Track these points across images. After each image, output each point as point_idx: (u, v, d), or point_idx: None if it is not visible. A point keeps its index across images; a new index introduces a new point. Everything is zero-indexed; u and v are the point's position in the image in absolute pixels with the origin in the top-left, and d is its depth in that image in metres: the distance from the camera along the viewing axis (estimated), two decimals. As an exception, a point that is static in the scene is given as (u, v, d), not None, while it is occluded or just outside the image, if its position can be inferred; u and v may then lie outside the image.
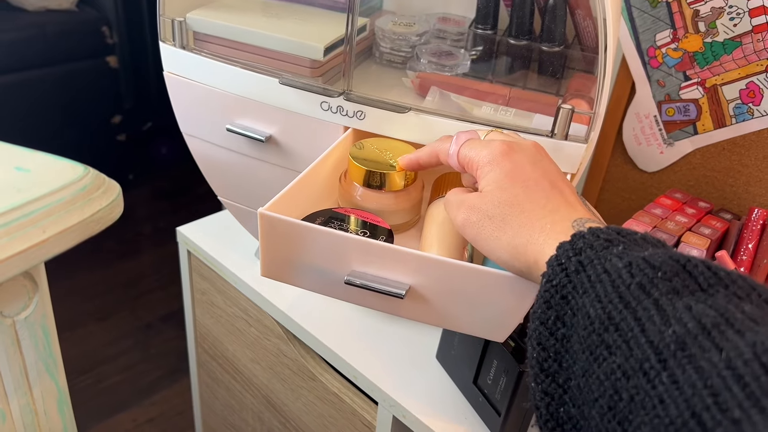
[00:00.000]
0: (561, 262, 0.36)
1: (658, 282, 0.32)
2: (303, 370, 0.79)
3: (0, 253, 0.38)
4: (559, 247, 0.37)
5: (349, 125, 0.64)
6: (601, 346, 0.32)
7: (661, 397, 0.28)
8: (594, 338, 0.33)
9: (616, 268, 0.33)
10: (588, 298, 0.34)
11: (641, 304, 0.31)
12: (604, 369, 0.31)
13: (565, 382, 0.36)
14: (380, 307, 0.52)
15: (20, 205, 0.40)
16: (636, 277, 0.32)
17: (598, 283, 0.33)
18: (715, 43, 0.75)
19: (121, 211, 0.46)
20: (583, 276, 0.35)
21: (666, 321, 0.30)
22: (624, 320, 0.31)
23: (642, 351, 0.30)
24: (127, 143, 2.18)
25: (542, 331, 0.37)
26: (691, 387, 0.27)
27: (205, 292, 0.92)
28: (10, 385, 0.45)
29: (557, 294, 0.36)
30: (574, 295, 0.35)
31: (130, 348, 1.67)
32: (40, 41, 1.84)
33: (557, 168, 0.46)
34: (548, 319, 0.36)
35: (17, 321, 0.44)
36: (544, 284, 0.37)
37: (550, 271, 0.37)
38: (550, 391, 0.36)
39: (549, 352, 0.36)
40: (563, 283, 0.36)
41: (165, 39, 0.69)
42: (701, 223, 0.72)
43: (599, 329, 0.32)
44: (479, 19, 0.68)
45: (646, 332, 0.30)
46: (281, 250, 0.51)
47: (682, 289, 0.31)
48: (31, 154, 0.45)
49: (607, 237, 0.36)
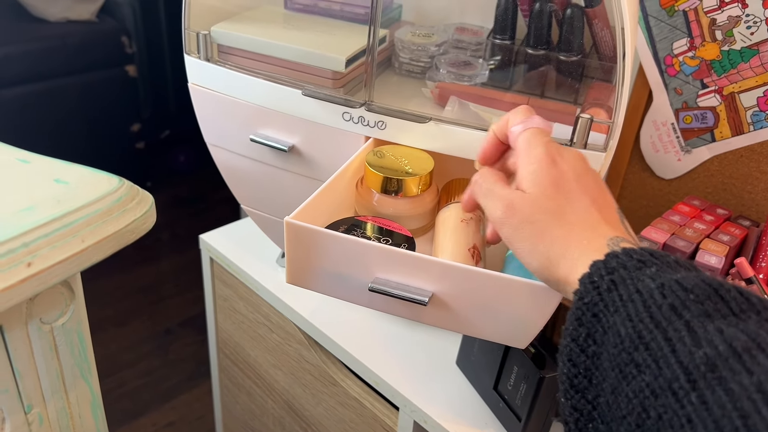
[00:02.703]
0: (593, 281, 0.36)
1: (690, 304, 0.32)
2: (324, 375, 0.80)
3: (43, 263, 0.39)
4: (592, 266, 0.37)
5: (371, 135, 0.65)
6: (631, 365, 0.32)
7: (690, 416, 0.28)
8: (624, 356, 0.33)
9: (648, 289, 0.34)
10: (619, 316, 0.34)
11: (672, 325, 0.31)
12: (633, 387, 0.32)
13: (595, 399, 0.36)
14: (403, 314, 0.53)
15: (60, 216, 0.41)
16: (668, 299, 0.32)
17: (630, 302, 0.34)
18: (732, 51, 0.76)
19: (154, 221, 0.48)
20: (615, 295, 0.35)
21: (697, 342, 0.30)
22: (654, 340, 0.32)
23: (671, 371, 0.30)
24: (146, 151, 2.21)
25: (573, 347, 0.37)
26: (721, 408, 0.27)
27: (227, 298, 0.93)
28: (48, 389, 0.47)
29: (589, 312, 0.36)
30: (605, 313, 0.35)
31: (149, 353, 1.69)
32: (62, 51, 1.88)
33: (599, 182, 0.45)
34: (579, 336, 0.37)
35: (55, 327, 0.46)
36: (576, 301, 0.37)
37: (583, 288, 0.37)
38: (580, 406, 0.37)
39: (579, 368, 0.37)
40: (595, 301, 0.36)
41: (190, 51, 0.71)
42: (720, 230, 0.73)
43: (629, 348, 0.33)
44: (497, 30, 0.69)
45: (677, 353, 0.30)
46: (306, 257, 0.53)
47: (713, 313, 0.31)
48: (69, 167, 0.47)
49: (640, 258, 0.36)
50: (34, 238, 0.40)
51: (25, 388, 0.45)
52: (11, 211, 0.41)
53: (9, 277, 0.38)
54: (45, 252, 0.40)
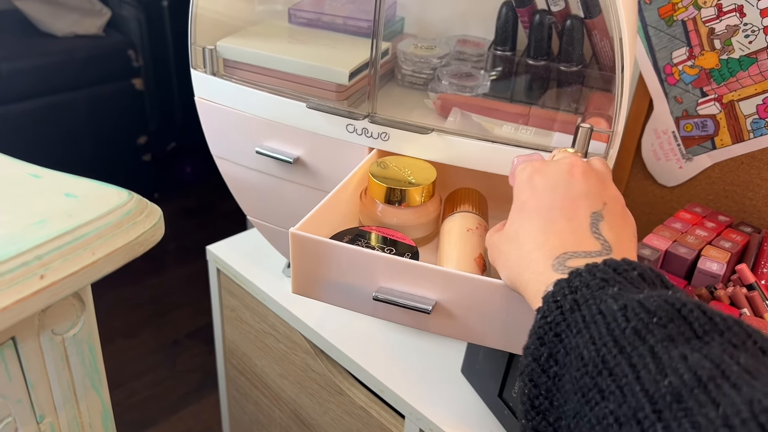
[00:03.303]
0: (557, 299, 0.36)
1: (653, 328, 0.31)
2: (330, 384, 0.81)
3: (56, 275, 0.40)
4: (555, 284, 0.37)
5: (374, 146, 0.66)
6: (594, 390, 0.32)
7: None
8: (587, 381, 0.32)
9: (611, 311, 0.33)
10: (582, 338, 0.33)
11: (636, 350, 0.31)
12: (596, 413, 0.31)
13: (556, 421, 0.35)
14: (407, 322, 0.53)
15: (72, 229, 0.43)
16: (631, 322, 0.32)
17: (593, 324, 0.33)
18: (731, 59, 0.77)
19: (163, 233, 0.49)
20: (577, 315, 0.34)
21: (661, 370, 0.29)
22: (618, 365, 0.31)
23: (636, 399, 0.29)
24: (153, 163, 2.23)
25: (534, 367, 0.36)
26: None
27: (234, 308, 0.94)
28: (59, 398, 0.48)
29: (551, 331, 0.36)
30: (567, 333, 0.35)
31: (157, 364, 1.70)
32: (69, 65, 1.90)
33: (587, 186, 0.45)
34: (541, 356, 0.36)
35: (66, 338, 0.47)
36: (538, 320, 0.37)
37: (545, 307, 0.37)
38: (540, 428, 0.36)
39: (540, 389, 0.36)
40: (557, 321, 0.36)
41: (196, 66, 0.72)
42: (721, 236, 0.73)
43: (592, 372, 0.32)
44: (498, 41, 0.70)
45: (641, 380, 0.30)
46: (312, 267, 0.53)
47: (677, 336, 0.31)
48: (79, 181, 0.48)
49: (603, 276, 0.36)
50: (47, 251, 0.41)
51: (37, 398, 0.46)
52: (24, 224, 0.42)
53: (23, 289, 0.39)
54: (57, 264, 0.41)
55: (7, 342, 0.43)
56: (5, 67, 1.77)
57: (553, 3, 0.66)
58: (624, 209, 0.46)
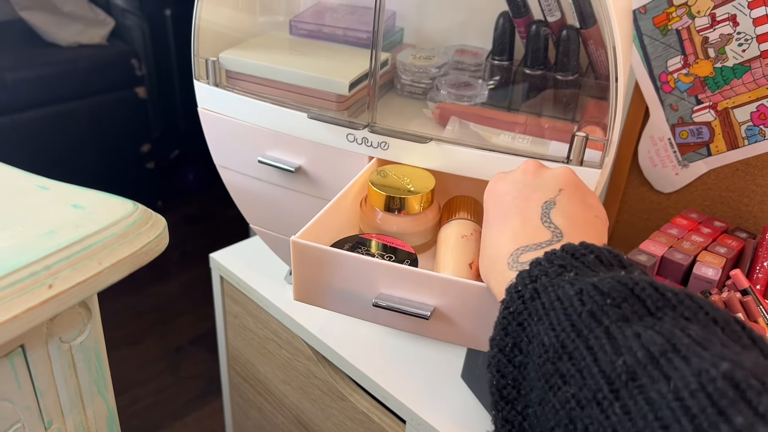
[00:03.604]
0: (518, 290, 0.37)
1: (608, 309, 0.32)
2: (333, 390, 0.82)
3: (64, 284, 0.41)
4: (518, 275, 0.38)
5: (374, 155, 0.67)
6: (556, 375, 0.32)
7: (615, 428, 0.28)
8: (549, 366, 0.33)
9: (568, 296, 0.34)
10: (542, 325, 0.34)
11: (593, 333, 0.31)
12: (559, 398, 0.32)
13: (524, 410, 0.36)
14: (407, 328, 0.54)
15: (79, 240, 0.44)
16: (587, 305, 0.33)
17: (552, 310, 0.34)
18: (725, 68, 0.78)
19: (167, 242, 0.50)
20: (537, 303, 0.35)
21: (617, 350, 0.30)
22: (577, 349, 0.32)
23: (595, 381, 0.30)
24: (156, 171, 2.25)
25: (500, 358, 0.37)
26: (643, 419, 0.27)
27: (237, 315, 0.95)
28: (67, 404, 0.49)
29: (514, 321, 0.37)
30: (529, 322, 0.35)
31: (161, 371, 1.71)
32: (74, 75, 1.92)
33: (540, 180, 0.47)
34: (506, 346, 0.37)
35: (73, 346, 0.48)
36: (502, 311, 0.38)
37: (508, 298, 0.38)
38: (510, 418, 0.36)
39: (507, 379, 0.37)
40: (519, 310, 0.36)
41: (199, 77, 0.73)
42: (717, 242, 0.74)
43: (553, 357, 0.33)
44: (496, 51, 0.71)
45: (599, 362, 0.30)
46: (313, 275, 0.55)
47: (631, 315, 0.32)
48: (85, 192, 0.49)
49: (561, 263, 0.37)
50: (55, 261, 0.42)
51: (45, 404, 0.48)
52: (33, 235, 0.44)
53: (32, 298, 0.40)
54: (65, 274, 0.42)
55: (17, 350, 0.44)
56: (10, 77, 1.79)
57: (549, 13, 0.67)
58: (584, 193, 0.47)
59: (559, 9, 0.66)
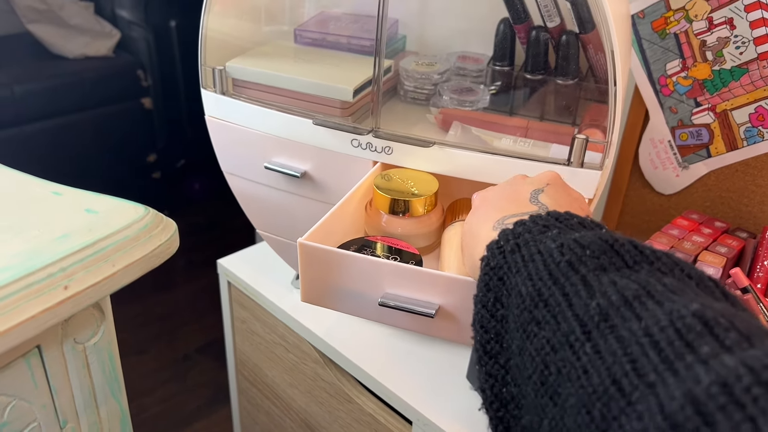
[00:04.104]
0: (500, 245, 0.38)
1: (586, 260, 0.33)
2: (340, 393, 0.83)
3: (79, 286, 0.43)
4: (500, 233, 0.38)
5: (378, 160, 0.68)
6: (532, 323, 0.33)
7: (585, 367, 0.29)
8: (526, 315, 0.33)
9: (548, 249, 0.34)
10: (521, 276, 0.35)
11: (569, 280, 0.32)
12: (535, 345, 0.32)
13: (506, 363, 0.36)
14: (412, 327, 0.56)
15: (93, 243, 0.45)
16: (566, 256, 0.33)
17: (531, 262, 0.35)
18: (723, 70, 0.79)
19: (178, 245, 0.51)
20: (517, 256, 0.36)
21: (592, 295, 0.30)
22: (552, 296, 0.32)
23: (568, 324, 0.30)
24: (162, 180, 2.27)
25: (483, 313, 0.38)
26: (612, 355, 0.28)
27: (244, 320, 0.97)
28: (81, 405, 0.50)
29: (495, 276, 0.37)
30: (509, 275, 0.36)
31: (168, 380, 1.72)
32: (80, 86, 1.94)
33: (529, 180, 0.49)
34: (488, 302, 0.37)
35: (87, 347, 0.49)
36: (483, 267, 0.38)
37: (489, 254, 0.38)
38: (494, 372, 0.37)
39: (491, 333, 0.37)
40: (500, 265, 0.37)
41: (206, 86, 0.75)
42: (717, 242, 0.75)
43: (530, 306, 0.33)
44: (497, 57, 0.73)
45: (573, 306, 0.31)
46: (319, 276, 0.56)
47: (608, 266, 0.32)
48: (98, 198, 0.51)
49: (545, 223, 0.38)
50: (70, 263, 0.43)
51: (60, 404, 0.49)
52: (49, 239, 0.45)
53: (49, 299, 0.41)
54: (80, 276, 0.43)
55: (33, 350, 0.45)
56: (18, 90, 1.81)
57: (549, 19, 0.69)
58: (569, 189, 0.49)
59: (559, 15, 0.68)
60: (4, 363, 0.43)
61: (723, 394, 0.23)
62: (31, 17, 1.95)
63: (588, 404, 0.28)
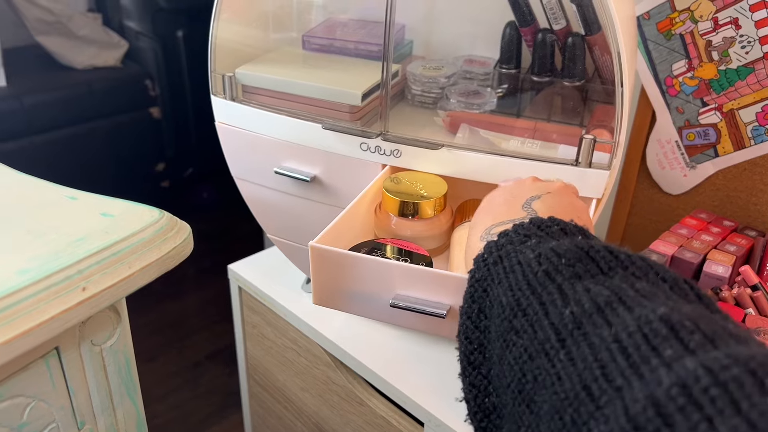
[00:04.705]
0: (485, 258, 0.38)
1: (562, 268, 0.33)
2: (351, 395, 0.83)
3: (96, 287, 0.44)
4: (486, 246, 0.39)
5: (387, 163, 0.69)
6: (511, 332, 0.33)
7: (559, 374, 0.29)
8: (506, 324, 0.34)
9: (527, 259, 0.35)
10: (502, 287, 0.35)
11: (546, 289, 0.33)
12: (514, 354, 0.33)
13: (488, 373, 0.37)
14: (423, 328, 0.56)
15: (110, 245, 0.46)
16: (543, 265, 0.34)
17: (511, 273, 0.35)
18: (729, 70, 0.80)
19: (192, 248, 0.52)
20: (499, 267, 0.37)
21: (566, 303, 0.31)
22: (530, 305, 0.33)
23: (544, 332, 0.31)
24: (171, 189, 2.28)
25: (468, 324, 0.38)
26: (583, 361, 0.28)
27: (255, 325, 0.97)
28: (98, 406, 0.51)
29: (480, 287, 0.38)
30: (492, 286, 0.37)
31: (179, 387, 1.73)
32: (89, 97, 1.96)
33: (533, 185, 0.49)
34: (473, 313, 0.38)
35: (104, 349, 0.50)
36: (469, 279, 0.39)
37: (475, 266, 0.39)
38: (477, 382, 0.37)
39: (474, 344, 0.38)
40: (484, 276, 0.38)
41: (216, 92, 0.76)
42: (726, 240, 0.75)
43: (509, 315, 0.34)
44: (503, 59, 0.73)
45: (549, 315, 0.31)
46: (331, 278, 0.56)
47: (584, 273, 0.33)
48: (113, 202, 0.52)
49: (526, 232, 0.38)
50: (87, 265, 0.44)
51: (78, 405, 0.49)
52: (66, 242, 0.46)
53: (67, 300, 0.42)
54: (97, 278, 0.44)
55: (52, 351, 0.46)
56: (28, 101, 1.83)
57: (555, 22, 0.69)
58: (573, 199, 0.48)
59: (564, 17, 0.68)
60: (24, 364, 0.44)
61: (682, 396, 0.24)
62: (41, 29, 1.97)
63: (560, 410, 0.28)
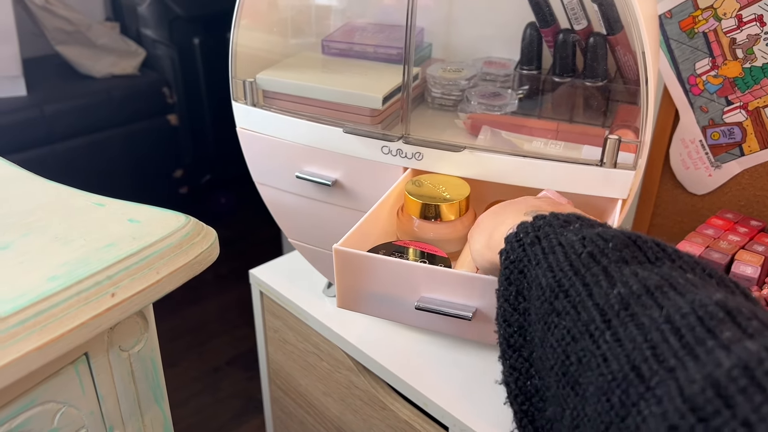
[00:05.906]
0: (519, 238, 0.38)
1: (608, 252, 0.33)
2: (374, 400, 0.83)
3: (125, 293, 0.44)
4: (519, 226, 0.39)
5: (408, 166, 0.69)
6: (553, 314, 0.33)
7: (605, 355, 0.29)
8: (546, 306, 0.33)
9: (569, 241, 0.34)
10: (540, 268, 0.35)
11: (590, 271, 0.32)
12: (556, 335, 0.32)
13: (530, 355, 0.36)
14: (448, 330, 0.56)
15: (138, 251, 0.46)
16: (587, 248, 0.33)
17: (551, 254, 0.35)
18: (754, 67, 0.78)
19: (218, 252, 0.52)
20: (537, 248, 0.36)
21: (612, 284, 0.31)
22: (573, 286, 0.32)
23: (588, 313, 0.30)
24: (189, 195, 2.29)
25: (506, 307, 0.38)
26: (632, 342, 0.28)
27: (277, 330, 0.97)
28: (126, 411, 0.51)
29: (516, 269, 0.37)
30: (529, 267, 0.36)
31: (199, 392, 1.74)
32: (108, 105, 1.98)
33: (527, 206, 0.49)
34: (510, 295, 0.37)
35: (132, 354, 0.50)
36: (503, 261, 0.38)
37: (509, 247, 0.38)
38: (518, 365, 0.37)
39: (513, 327, 0.37)
40: (520, 257, 0.37)
41: (237, 98, 0.76)
42: (754, 240, 0.74)
43: (550, 297, 0.33)
44: (524, 61, 0.73)
45: (593, 296, 0.31)
46: (355, 281, 0.56)
47: (630, 259, 0.32)
48: (139, 208, 0.52)
49: (566, 219, 0.38)
50: (116, 271, 0.44)
51: (107, 410, 0.50)
52: (95, 248, 0.46)
53: (97, 306, 0.42)
54: (126, 283, 0.44)
55: (81, 357, 0.46)
56: (48, 109, 1.85)
57: (576, 22, 0.69)
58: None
59: (586, 17, 0.68)
60: (54, 370, 0.44)
61: (744, 377, 0.23)
62: (60, 39, 2.00)
63: (607, 391, 0.28)
